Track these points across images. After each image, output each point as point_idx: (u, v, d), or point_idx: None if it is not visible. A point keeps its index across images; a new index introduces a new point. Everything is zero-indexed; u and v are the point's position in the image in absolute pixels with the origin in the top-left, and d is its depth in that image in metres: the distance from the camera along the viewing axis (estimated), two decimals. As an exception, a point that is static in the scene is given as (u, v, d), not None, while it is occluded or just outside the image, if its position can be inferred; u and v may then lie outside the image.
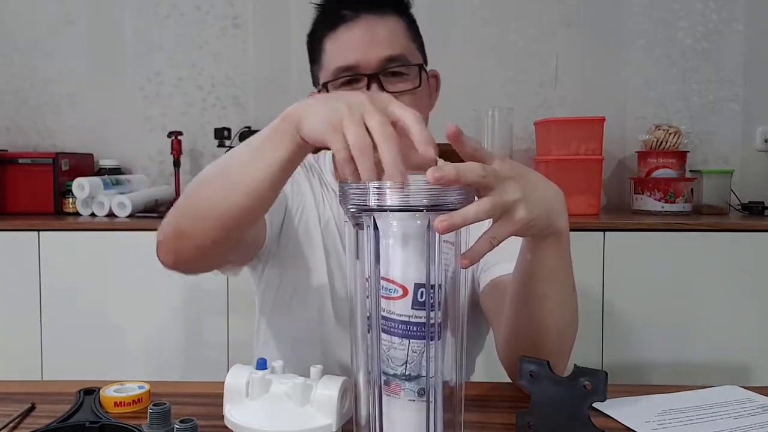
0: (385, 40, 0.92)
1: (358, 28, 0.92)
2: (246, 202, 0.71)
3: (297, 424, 0.62)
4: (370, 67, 0.91)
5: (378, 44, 0.91)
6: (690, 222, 1.80)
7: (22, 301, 1.80)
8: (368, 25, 0.92)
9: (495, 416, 0.73)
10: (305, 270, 1.03)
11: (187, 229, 0.77)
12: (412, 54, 0.95)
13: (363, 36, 0.92)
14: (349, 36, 0.92)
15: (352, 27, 0.92)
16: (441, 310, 0.57)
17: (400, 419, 0.58)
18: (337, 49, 0.93)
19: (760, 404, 0.78)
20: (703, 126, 2.22)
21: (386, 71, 0.91)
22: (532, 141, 2.15)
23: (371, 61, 0.91)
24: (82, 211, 1.98)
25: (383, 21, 0.93)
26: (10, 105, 2.32)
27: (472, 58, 2.24)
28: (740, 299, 1.74)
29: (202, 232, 0.76)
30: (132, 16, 2.29)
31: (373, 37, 0.91)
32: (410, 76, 0.93)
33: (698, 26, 2.21)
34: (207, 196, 0.75)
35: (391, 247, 0.57)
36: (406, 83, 0.93)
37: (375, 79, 0.90)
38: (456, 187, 0.55)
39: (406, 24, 0.97)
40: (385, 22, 0.93)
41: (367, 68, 0.91)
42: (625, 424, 0.72)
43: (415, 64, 0.94)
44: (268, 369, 0.67)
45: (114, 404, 0.75)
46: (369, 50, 0.91)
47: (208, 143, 2.26)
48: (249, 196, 0.70)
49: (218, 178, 0.75)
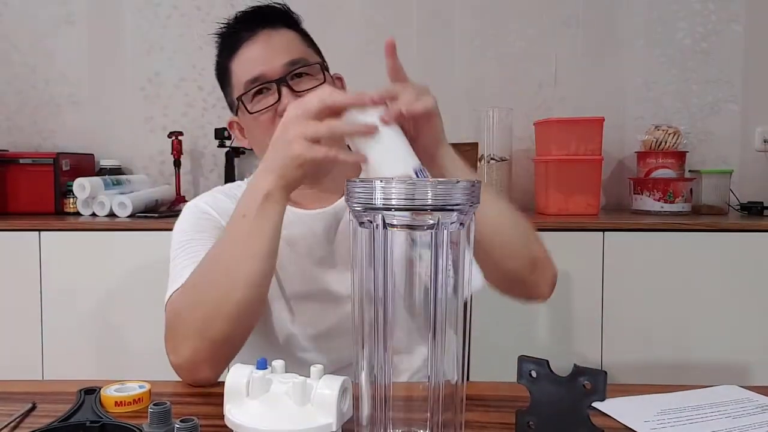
0: (283, 48, 1.00)
1: (257, 43, 1.00)
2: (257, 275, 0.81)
3: (297, 423, 0.62)
4: (275, 73, 0.98)
5: (278, 52, 0.99)
6: (689, 222, 1.80)
7: (22, 301, 1.80)
8: (265, 38, 1.01)
9: (495, 416, 0.73)
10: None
11: (216, 336, 0.82)
12: (310, 56, 1.03)
13: (263, 48, 1.00)
14: (250, 51, 1.00)
15: (251, 44, 1.01)
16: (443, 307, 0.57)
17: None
18: (242, 65, 1.01)
19: (759, 404, 0.78)
20: (702, 126, 2.22)
21: (291, 74, 0.98)
22: (531, 141, 2.15)
23: (275, 68, 0.98)
24: (83, 211, 1.99)
25: (278, 33, 1.02)
26: (11, 105, 2.32)
27: (472, 58, 2.24)
28: (739, 299, 1.74)
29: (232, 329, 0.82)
30: (132, 16, 2.29)
31: (272, 47, 1.00)
32: (313, 74, 1.01)
33: (697, 27, 2.21)
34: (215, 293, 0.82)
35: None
36: (311, 81, 1.00)
37: (283, 83, 0.97)
38: (461, 186, 0.56)
39: (300, 35, 1.05)
40: (280, 34, 1.02)
41: (273, 75, 0.98)
42: (624, 423, 0.72)
43: (315, 62, 1.02)
44: (268, 369, 0.67)
45: (115, 404, 0.75)
46: (271, 59, 0.99)
47: (209, 143, 2.26)
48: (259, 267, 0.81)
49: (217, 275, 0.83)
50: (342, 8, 2.19)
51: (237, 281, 0.80)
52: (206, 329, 0.81)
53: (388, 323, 0.58)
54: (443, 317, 0.58)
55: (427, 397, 0.60)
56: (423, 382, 0.61)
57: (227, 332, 0.82)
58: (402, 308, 0.61)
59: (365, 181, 0.57)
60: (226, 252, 0.83)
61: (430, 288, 0.56)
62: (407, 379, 0.97)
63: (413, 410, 0.64)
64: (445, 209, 0.55)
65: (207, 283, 0.83)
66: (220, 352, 0.83)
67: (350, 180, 0.58)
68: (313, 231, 1.03)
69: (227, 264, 0.82)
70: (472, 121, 2.08)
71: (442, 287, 0.57)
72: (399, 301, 0.60)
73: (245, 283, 0.80)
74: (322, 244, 1.02)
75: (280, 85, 0.97)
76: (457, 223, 0.57)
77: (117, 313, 1.79)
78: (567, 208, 1.94)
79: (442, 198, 0.55)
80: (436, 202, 0.54)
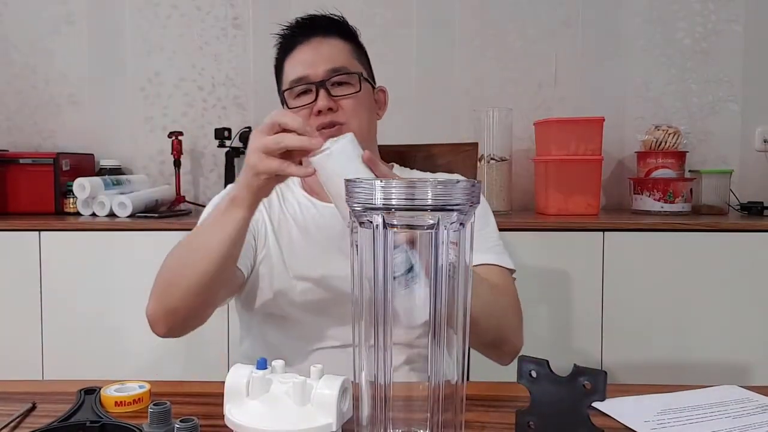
0: (329, 56, 1.10)
1: (309, 48, 1.11)
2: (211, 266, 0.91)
3: (297, 423, 0.62)
4: (317, 77, 1.08)
5: (323, 59, 1.09)
6: (689, 222, 1.80)
7: (22, 301, 1.80)
8: (317, 44, 1.11)
9: (495, 416, 0.74)
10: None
11: (170, 303, 0.95)
12: (353, 66, 1.12)
13: (312, 53, 1.10)
14: (301, 54, 1.11)
15: (304, 47, 1.11)
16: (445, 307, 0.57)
17: None
18: (291, 65, 1.12)
19: (759, 404, 0.78)
20: (702, 126, 2.22)
21: (330, 80, 1.08)
22: (531, 141, 2.15)
23: (318, 72, 1.08)
24: (83, 211, 1.99)
25: (329, 42, 1.12)
26: (11, 105, 2.32)
27: (472, 58, 2.24)
28: (739, 299, 1.74)
29: (183, 302, 0.94)
30: (132, 16, 2.29)
31: (319, 53, 1.10)
32: (352, 84, 1.11)
33: (697, 27, 2.21)
34: (179, 268, 0.95)
35: None
36: (348, 89, 1.10)
37: (321, 86, 1.07)
38: (461, 186, 0.56)
39: (350, 47, 1.15)
40: (330, 43, 1.12)
41: (314, 78, 1.08)
42: (624, 423, 0.72)
43: (355, 72, 1.11)
44: (268, 369, 0.67)
45: (114, 404, 0.75)
46: (316, 64, 1.09)
47: (209, 143, 2.26)
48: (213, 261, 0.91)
49: (186, 252, 0.96)
50: (342, 8, 2.18)
51: (194, 265, 0.92)
52: (163, 295, 0.96)
53: (389, 323, 0.58)
54: (443, 317, 0.58)
55: (427, 397, 0.60)
56: (423, 382, 0.61)
57: (177, 303, 0.95)
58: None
59: (365, 181, 0.57)
60: (196, 236, 0.97)
61: (430, 288, 0.56)
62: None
63: (413, 410, 0.64)
64: (445, 209, 0.55)
65: (176, 256, 0.97)
66: (171, 318, 0.97)
67: (350, 180, 0.58)
68: (327, 222, 1.10)
69: (192, 246, 0.96)
70: (472, 121, 2.08)
71: (442, 287, 0.57)
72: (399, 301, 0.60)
73: (199, 269, 0.92)
74: (335, 236, 1.07)
75: (319, 87, 1.07)
76: (457, 223, 0.57)
77: (117, 313, 1.79)
78: (567, 208, 1.94)
79: (442, 198, 0.54)
80: (436, 202, 0.54)
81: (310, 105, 1.07)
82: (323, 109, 1.06)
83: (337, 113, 1.07)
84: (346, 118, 1.08)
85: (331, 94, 1.07)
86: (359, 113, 1.10)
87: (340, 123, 1.07)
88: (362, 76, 1.12)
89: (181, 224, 1.84)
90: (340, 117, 1.07)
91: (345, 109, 1.08)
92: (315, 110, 1.06)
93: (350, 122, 1.08)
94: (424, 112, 2.17)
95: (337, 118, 1.07)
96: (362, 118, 1.11)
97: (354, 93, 1.09)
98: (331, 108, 1.06)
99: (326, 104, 1.06)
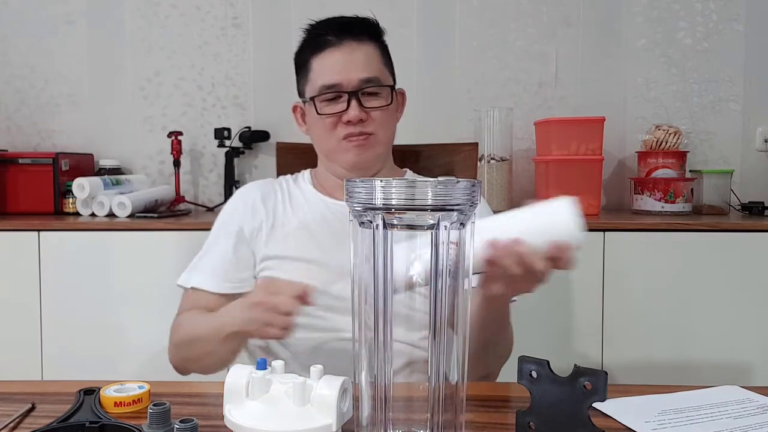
0: (363, 64, 1.09)
1: (340, 52, 1.09)
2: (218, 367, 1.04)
3: (297, 424, 0.62)
4: (350, 85, 1.08)
5: (356, 67, 1.09)
6: (690, 222, 1.80)
7: (22, 301, 1.80)
8: (349, 49, 1.09)
9: (495, 416, 0.73)
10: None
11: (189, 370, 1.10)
12: (384, 76, 1.13)
13: (344, 59, 1.09)
14: (332, 58, 1.09)
15: (335, 51, 1.09)
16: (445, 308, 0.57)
17: None
18: (322, 68, 1.10)
19: (759, 404, 0.78)
20: (703, 126, 2.22)
21: (363, 90, 1.09)
22: (532, 141, 2.15)
23: (352, 81, 1.08)
24: (82, 211, 1.98)
25: (361, 46, 1.10)
26: (10, 105, 2.31)
27: (472, 58, 2.24)
28: (740, 299, 1.74)
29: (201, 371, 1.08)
30: (132, 16, 2.29)
31: (353, 60, 1.09)
32: (383, 95, 1.11)
33: (698, 26, 2.21)
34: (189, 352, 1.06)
35: None
36: (379, 101, 1.11)
37: (354, 96, 1.08)
38: (461, 186, 0.56)
39: (380, 50, 1.14)
40: (362, 48, 1.11)
41: (347, 87, 1.08)
42: (625, 424, 0.72)
43: (387, 85, 1.12)
44: (268, 369, 0.67)
45: (114, 404, 0.75)
46: (349, 72, 1.08)
47: (208, 143, 2.26)
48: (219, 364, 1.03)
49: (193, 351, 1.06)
50: (342, 8, 2.18)
51: (199, 360, 1.05)
52: (180, 361, 1.08)
53: (388, 323, 0.58)
54: (443, 317, 0.58)
55: (427, 398, 0.59)
56: (423, 383, 0.60)
57: (196, 371, 1.08)
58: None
59: (365, 181, 0.56)
60: (199, 340, 1.03)
61: (430, 288, 0.56)
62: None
63: (413, 410, 0.64)
64: (445, 209, 0.55)
65: (185, 345, 1.06)
66: (186, 372, 1.10)
67: (349, 180, 0.58)
68: (336, 216, 1.12)
69: (195, 346, 1.04)
70: (472, 121, 2.08)
71: (442, 287, 0.57)
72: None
73: (204, 363, 1.04)
74: (338, 231, 1.08)
75: (352, 97, 1.08)
76: (457, 223, 0.57)
77: (117, 313, 1.79)
78: (567, 208, 1.93)
79: (442, 198, 0.54)
80: (436, 202, 0.54)
81: (339, 114, 1.09)
82: (354, 120, 1.07)
83: (366, 123, 1.09)
84: (375, 129, 1.10)
85: (362, 105, 1.08)
86: (388, 124, 1.13)
87: (368, 133, 1.09)
88: (393, 88, 1.13)
89: (180, 224, 1.84)
90: (369, 127, 1.09)
91: (375, 120, 1.10)
92: (345, 119, 1.08)
93: (378, 133, 1.10)
94: (424, 112, 2.16)
95: (366, 128, 1.09)
96: (389, 128, 1.14)
97: (385, 106, 1.11)
98: (362, 119, 1.08)
99: (358, 115, 1.07)
